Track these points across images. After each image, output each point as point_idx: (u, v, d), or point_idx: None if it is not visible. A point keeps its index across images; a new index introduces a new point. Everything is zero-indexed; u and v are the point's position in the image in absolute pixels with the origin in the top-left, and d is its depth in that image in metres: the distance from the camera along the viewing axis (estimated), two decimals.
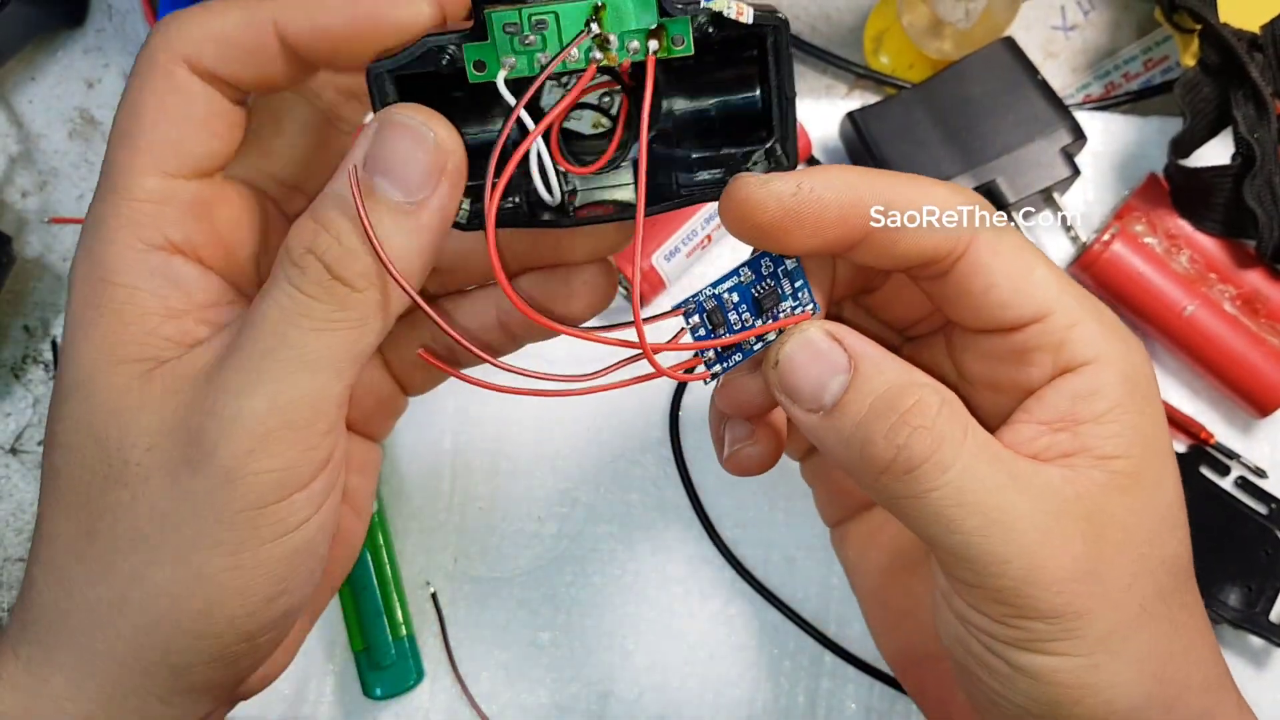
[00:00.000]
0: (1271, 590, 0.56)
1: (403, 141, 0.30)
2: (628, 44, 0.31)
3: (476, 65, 0.31)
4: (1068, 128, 0.58)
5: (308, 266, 0.30)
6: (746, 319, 0.33)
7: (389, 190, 0.30)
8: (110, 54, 0.65)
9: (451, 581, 0.59)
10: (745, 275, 0.33)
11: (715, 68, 0.34)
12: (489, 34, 0.31)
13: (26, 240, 0.62)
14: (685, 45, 0.31)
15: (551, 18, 0.31)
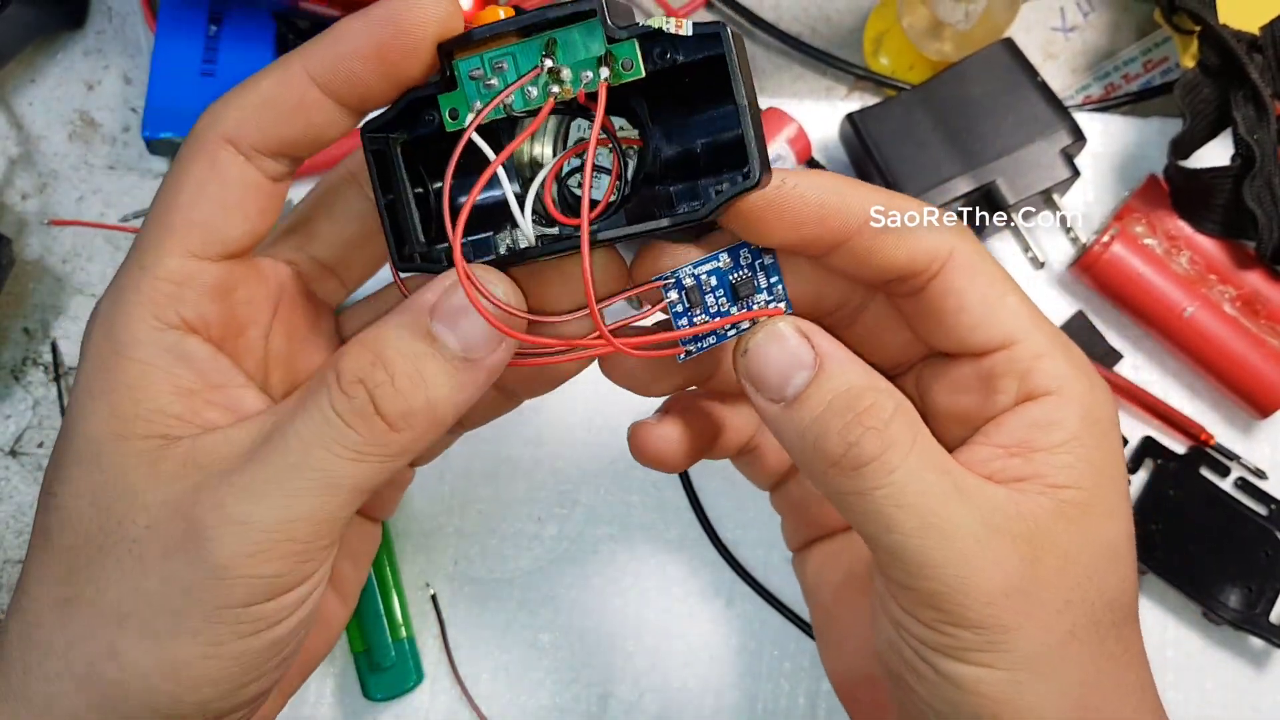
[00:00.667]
0: (1272, 591, 0.56)
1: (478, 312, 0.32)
2: (580, 74, 0.32)
3: (451, 114, 0.33)
4: (1067, 129, 0.58)
5: (355, 395, 0.31)
6: (723, 304, 0.35)
7: (448, 340, 0.32)
8: (110, 56, 0.65)
9: (451, 583, 0.59)
10: (725, 261, 0.34)
11: (692, 94, 0.34)
12: (458, 82, 0.33)
13: (26, 242, 0.62)
14: (634, 69, 0.32)
15: (509, 59, 0.32)
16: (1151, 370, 0.61)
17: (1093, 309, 0.61)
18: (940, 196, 0.57)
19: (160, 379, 0.32)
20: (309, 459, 0.31)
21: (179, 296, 0.32)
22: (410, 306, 0.32)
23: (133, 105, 0.64)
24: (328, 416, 0.31)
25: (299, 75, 0.32)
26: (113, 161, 0.64)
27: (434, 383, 0.32)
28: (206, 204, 0.32)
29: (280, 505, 0.30)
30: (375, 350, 0.32)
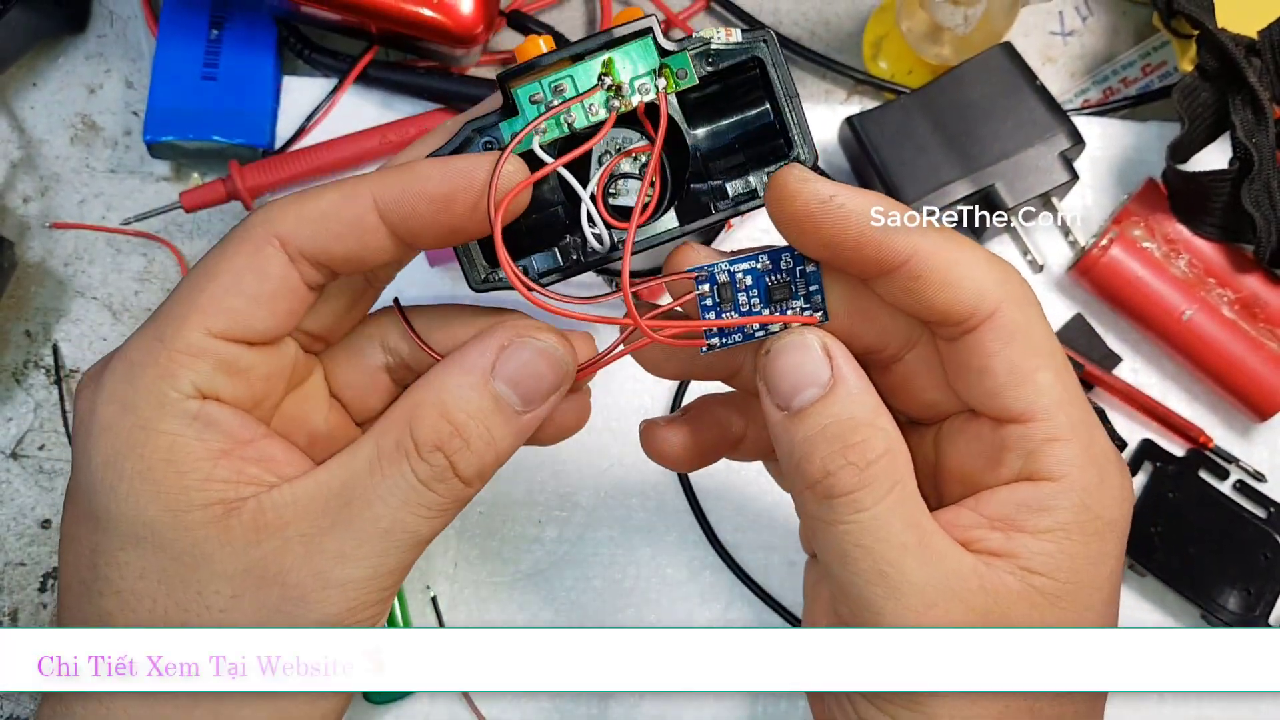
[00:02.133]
0: (1271, 594, 0.56)
1: (537, 361, 0.34)
2: (638, 86, 0.35)
3: (514, 139, 0.34)
4: (1066, 133, 0.58)
5: (435, 463, 0.33)
6: (755, 304, 0.35)
7: (511, 399, 0.34)
8: (112, 60, 0.65)
9: (452, 585, 0.59)
10: (764, 263, 0.35)
11: (726, 99, 0.37)
12: (518, 108, 0.34)
13: (28, 245, 0.63)
14: (689, 77, 0.35)
15: (568, 80, 0.34)
16: (1150, 373, 0.61)
17: (1091, 312, 0.61)
18: (939, 200, 0.57)
19: (195, 447, 0.32)
20: (398, 522, 0.33)
21: (193, 366, 0.32)
22: (470, 365, 0.34)
23: (134, 109, 0.64)
24: (410, 483, 0.33)
25: (365, 198, 0.33)
26: (114, 165, 0.64)
27: (500, 438, 0.34)
28: (240, 293, 0.33)
29: (375, 565, 0.33)
30: (448, 415, 0.33)
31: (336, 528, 0.32)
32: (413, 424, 0.33)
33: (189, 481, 0.32)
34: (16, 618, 0.58)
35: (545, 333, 0.35)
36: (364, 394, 0.38)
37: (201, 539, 0.32)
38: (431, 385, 0.34)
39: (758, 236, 0.62)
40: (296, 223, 0.33)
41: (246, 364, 0.33)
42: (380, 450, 0.33)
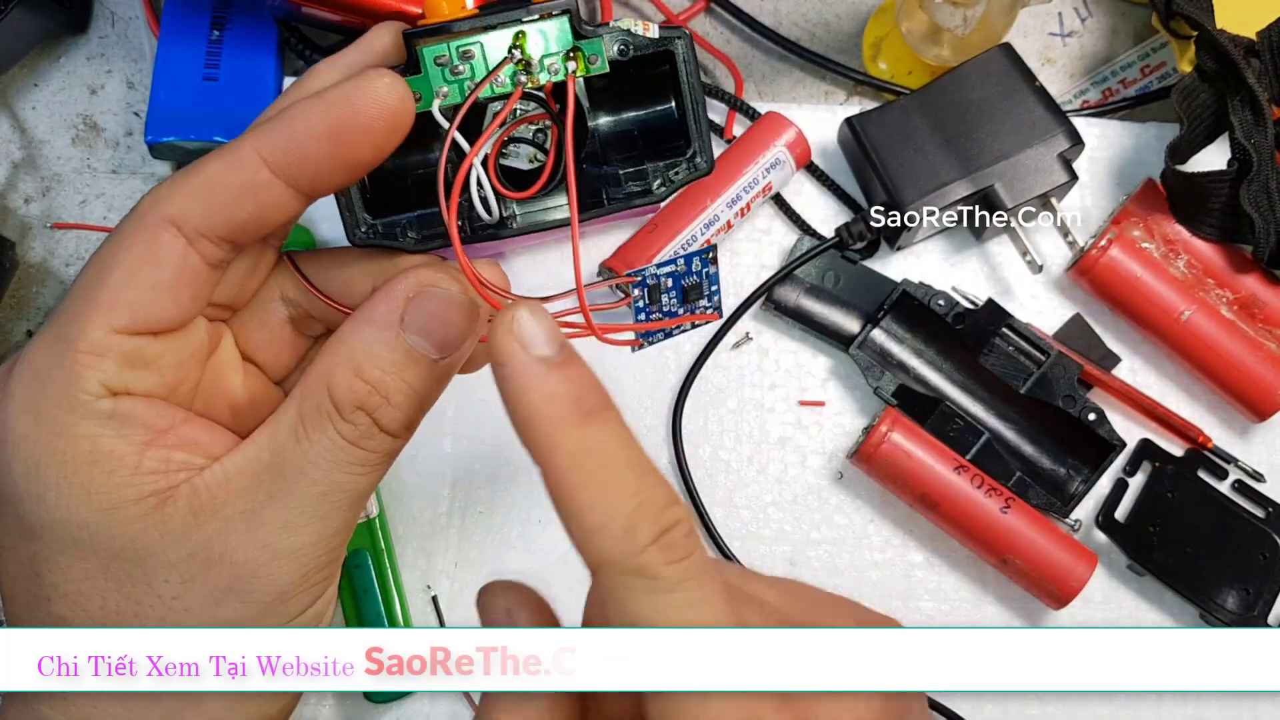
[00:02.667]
0: (1269, 593, 0.56)
1: (446, 310, 0.34)
2: (548, 65, 0.34)
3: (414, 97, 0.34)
4: (1065, 133, 0.58)
5: (358, 422, 0.33)
6: (674, 304, 0.37)
7: (426, 350, 0.34)
8: (113, 60, 0.65)
9: (452, 585, 0.59)
10: (679, 266, 0.37)
11: (633, 88, 0.37)
12: (422, 68, 0.34)
13: (30, 246, 0.63)
14: (600, 64, 0.35)
15: (478, 48, 0.34)
16: (1149, 373, 0.61)
17: (1090, 312, 0.61)
18: (939, 200, 0.57)
19: (116, 444, 0.32)
20: (334, 484, 0.33)
21: (100, 367, 0.32)
22: (379, 320, 0.33)
23: (136, 109, 0.64)
24: (338, 444, 0.33)
25: (250, 156, 0.32)
26: (115, 165, 0.64)
27: (421, 387, 0.34)
28: (138, 285, 0.32)
29: (318, 528, 0.33)
30: (362, 374, 0.33)
31: (275, 499, 0.32)
32: (330, 386, 0.33)
33: (117, 479, 0.32)
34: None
35: (449, 280, 0.34)
36: (275, 351, 0.38)
37: (139, 532, 0.32)
38: (343, 344, 0.33)
39: (757, 237, 0.62)
40: (186, 200, 0.32)
41: (154, 354, 0.33)
42: (303, 415, 0.33)
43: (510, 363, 0.30)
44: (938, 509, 0.56)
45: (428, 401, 0.34)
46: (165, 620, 0.32)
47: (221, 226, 0.32)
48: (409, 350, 0.33)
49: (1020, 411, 0.60)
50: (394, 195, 0.37)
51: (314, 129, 0.31)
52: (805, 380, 0.61)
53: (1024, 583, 0.56)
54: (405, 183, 0.37)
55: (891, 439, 0.56)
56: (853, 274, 0.60)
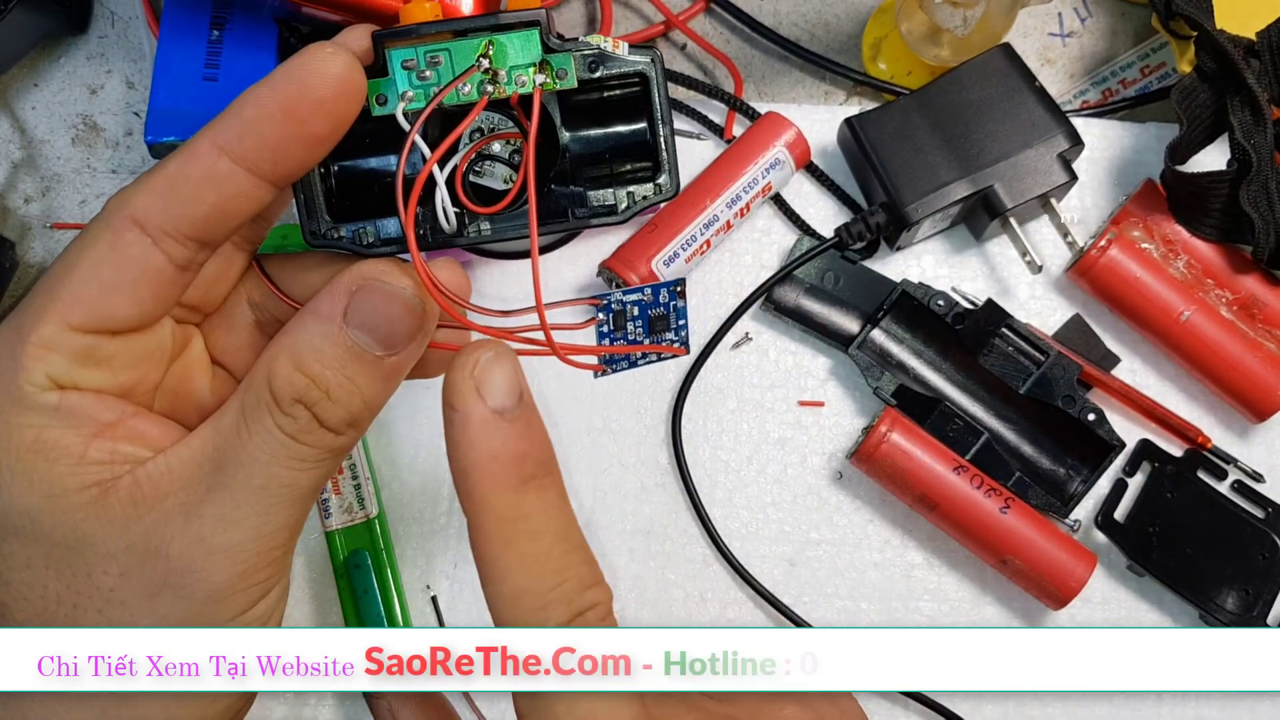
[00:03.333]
0: (1269, 594, 0.56)
1: (389, 305, 0.33)
2: (516, 77, 0.34)
3: (378, 99, 0.34)
4: (1065, 134, 0.58)
5: (298, 415, 0.32)
6: (639, 333, 0.37)
7: (370, 345, 0.33)
8: (113, 60, 0.65)
9: (452, 585, 0.59)
10: (647, 295, 0.37)
11: (606, 107, 0.37)
12: (389, 69, 0.34)
13: (30, 246, 0.63)
14: (569, 78, 0.35)
15: (445, 54, 0.34)
16: (1148, 374, 0.61)
17: (1090, 313, 0.61)
18: (938, 201, 0.57)
19: (62, 435, 0.32)
20: (272, 478, 0.32)
21: (47, 360, 0.31)
22: (322, 313, 0.33)
23: (135, 109, 0.64)
24: (277, 438, 0.32)
25: (206, 147, 0.31)
26: (115, 165, 0.64)
27: (365, 384, 0.33)
28: (98, 283, 0.32)
29: (257, 524, 0.32)
30: (303, 367, 0.32)
31: (213, 492, 0.32)
32: (270, 377, 0.32)
33: (61, 468, 0.31)
34: None
35: (396, 275, 0.33)
36: (242, 355, 0.37)
37: (81, 520, 0.31)
38: (286, 337, 0.33)
39: (757, 237, 0.62)
40: (148, 199, 0.32)
41: (109, 352, 0.33)
42: (244, 408, 0.32)
43: (462, 409, 0.31)
44: (937, 509, 0.56)
45: (374, 400, 0.34)
46: (103, 613, 0.32)
47: (185, 224, 0.32)
48: (351, 345, 0.33)
49: (1020, 412, 0.60)
50: (361, 201, 0.36)
51: (265, 110, 0.31)
52: (805, 380, 0.61)
53: (1023, 583, 0.56)
54: (373, 190, 0.36)
55: (891, 439, 0.56)
56: (852, 274, 0.61)
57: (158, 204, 0.32)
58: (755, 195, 0.59)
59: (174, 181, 0.32)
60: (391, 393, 0.34)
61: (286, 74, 0.31)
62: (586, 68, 0.35)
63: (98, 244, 0.32)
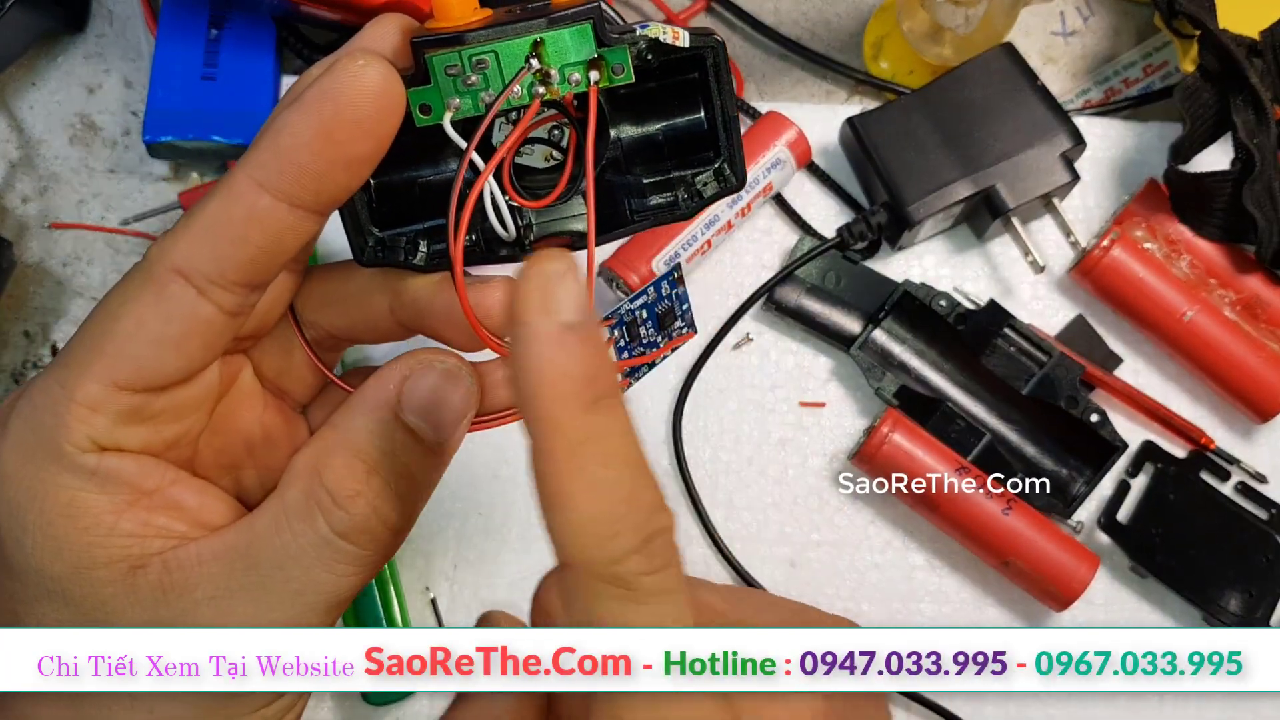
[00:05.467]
0: (1272, 595, 0.56)
1: (445, 389, 0.32)
2: (569, 76, 0.31)
3: (422, 109, 0.31)
4: (1067, 133, 0.58)
5: (354, 511, 0.30)
6: (652, 335, 0.35)
7: (425, 431, 0.31)
8: (111, 60, 0.65)
9: (451, 587, 0.59)
10: (651, 295, 0.35)
11: (659, 93, 0.34)
12: (431, 78, 0.31)
13: (27, 245, 0.62)
14: (625, 74, 0.31)
15: (492, 57, 0.31)
16: (1151, 374, 0.61)
17: (1093, 313, 0.61)
18: (940, 200, 0.57)
19: (96, 501, 0.30)
20: (310, 584, 0.31)
21: (90, 422, 0.30)
22: (375, 402, 0.31)
23: (133, 109, 0.64)
24: (325, 537, 0.30)
25: (245, 185, 0.29)
26: (113, 165, 0.64)
27: (420, 472, 0.32)
28: (145, 339, 0.30)
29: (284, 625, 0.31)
30: (362, 457, 0.31)
31: (246, 591, 0.30)
32: (322, 472, 0.30)
33: (91, 538, 0.30)
34: None
35: (445, 355, 0.32)
36: (297, 375, 0.35)
37: (109, 597, 0.30)
38: (337, 429, 0.31)
39: (758, 237, 0.62)
40: (190, 246, 0.29)
41: (156, 409, 0.31)
42: (287, 506, 0.31)
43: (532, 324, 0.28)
44: (939, 511, 0.56)
45: (427, 493, 0.32)
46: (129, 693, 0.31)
47: (232, 270, 0.30)
48: (407, 433, 0.31)
49: (1022, 413, 0.59)
50: (402, 206, 0.34)
51: (301, 137, 0.29)
52: (806, 381, 0.61)
53: (1026, 585, 0.56)
54: (413, 192, 0.34)
55: (893, 440, 0.56)
56: (854, 274, 0.60)
57: (201, 251, 0.29)
58: (756, 195, 0.59)
59: (215, 225, 0.29)
60: (440, 478, 0.33)
61: (321, 94, 0.29)
62: (645, 60, 0.32)
63: (142, 297, 0.30)
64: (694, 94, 0.34)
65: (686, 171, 0.34)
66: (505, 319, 0.32)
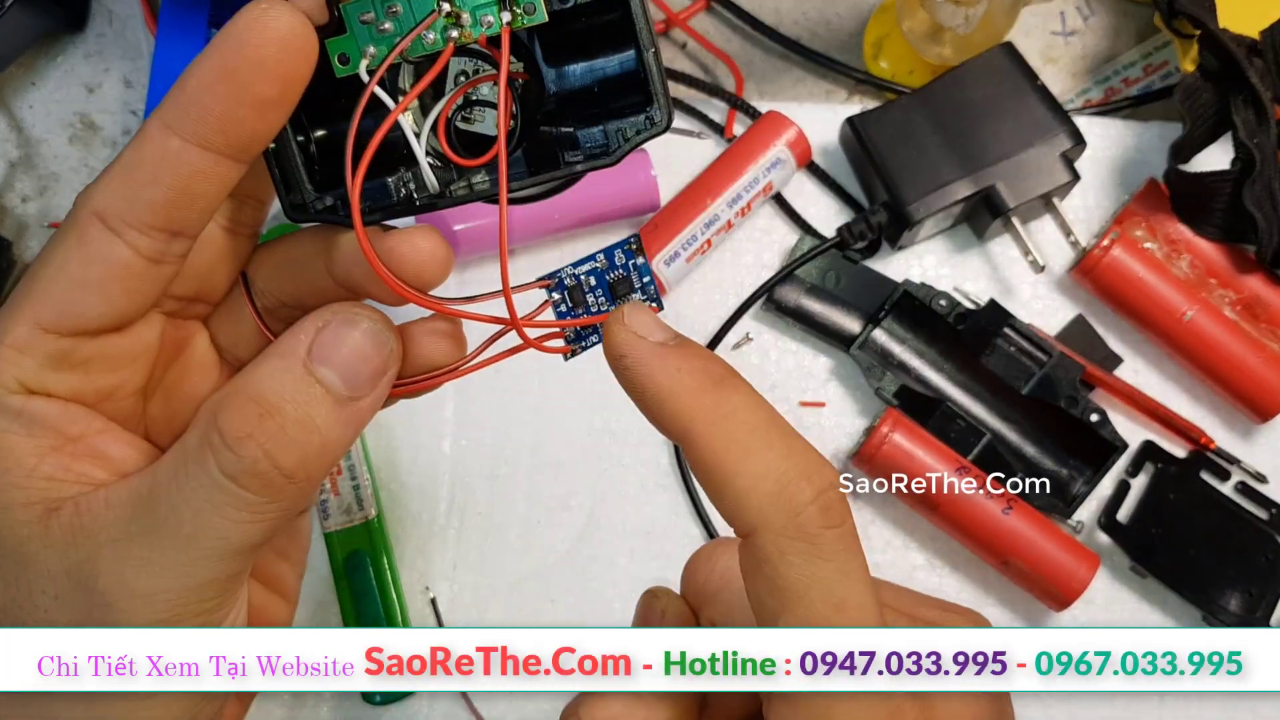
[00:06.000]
0: (1272, 595, 0.56)
1: (362, 343, 0.31)
2: (481, 19, 0.31)
3: (340, 59, 0.31)
4: (1067, 133, 0.58)
5: (245, 453, 0.29)
6: (603, 303, 0.35)
7: (331, 380, 0.31)
8: (111, 59, 0.65)
9: (451, 586, 0.59)
10: (601, 262, 0.35)
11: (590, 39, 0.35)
12: (347, 26, 0.31)
13: (27, 245, 0.63)
14: (537, 13, 0.32)
15: (404, 3, 0.31)
16: (1151, 374, 0.61)
17: (1093, 313, 0.61)
18: (940, 200, 0.57)
19: (19, 444, 0.30)
20: (205, 528, 0.30)
21: (18, 363, 0.30)
22: (284, 350, 0.31)
23: (133, 108, 0.64)
24: (219, 482, 0.29)
25: (154, 128, 0.29)
26: None
27: (325, 425, 0.30)
28: (65, 282, 0.30)
29: (182, 575, 0.30)
30: (258, 400, 0.30)
31: (143, 534, 0.30)
32: (218, 415, 0.30)
33: (12, 479, 0.30)
34: None
35: (368, 311, 0.32)
36: (253, 345, 0.35)
37: (25, 538, 0.30)
38: (242, 376, 0.31)
39: (758, 237, 0.62)
40: (106, 189, 0.30)
41: (86, 354, 0.31)
42: (185, 448, 0.30)
43: (631, 352, 0.30)
44: (939, 510, 0.56)
45: (332, 445, 0.31)
46: (93, 707, 0.31)
47: (145, 211, 0.30)
48: (315, 382, 0.30)
49: (1022, 412, 0.59)
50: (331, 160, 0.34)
51: (206, 78, 0.29)
52: (806, 381, 0.61)
53: (1026, 584, 0.56)
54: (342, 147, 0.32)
55: (893, 440, 0.56)
56: (854, 274, 0.60)
57: (116, 193, 0.30)
58: (756, 194, 0.59)
59: (128, 168, 0.30)
60: (350, 444, 0.32)
61: (224, 38, 0.29)
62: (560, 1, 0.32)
63: (65, 242, 0.30)
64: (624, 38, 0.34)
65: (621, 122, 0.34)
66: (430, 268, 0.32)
